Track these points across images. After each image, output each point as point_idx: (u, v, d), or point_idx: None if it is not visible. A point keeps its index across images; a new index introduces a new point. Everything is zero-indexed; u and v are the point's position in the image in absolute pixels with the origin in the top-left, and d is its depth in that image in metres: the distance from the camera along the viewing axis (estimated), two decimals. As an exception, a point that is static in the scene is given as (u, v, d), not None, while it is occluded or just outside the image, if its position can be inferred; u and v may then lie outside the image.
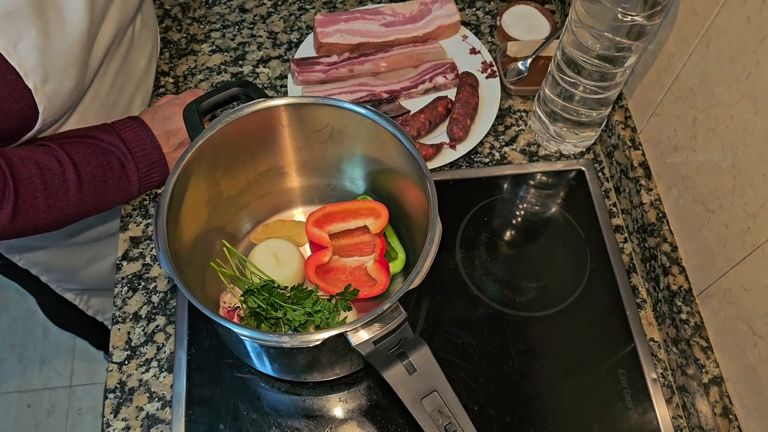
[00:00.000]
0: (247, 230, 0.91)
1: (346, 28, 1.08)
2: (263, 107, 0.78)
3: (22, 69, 0.71)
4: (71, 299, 1.24)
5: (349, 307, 0.79)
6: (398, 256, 0.87)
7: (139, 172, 0.88)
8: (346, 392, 0.83)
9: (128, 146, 0.87)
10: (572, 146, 0.99)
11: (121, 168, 0.86)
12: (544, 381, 0.84)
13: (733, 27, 0.71)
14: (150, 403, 0.82)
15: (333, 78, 1.05)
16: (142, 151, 0.88)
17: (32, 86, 0.73)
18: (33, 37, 0.72)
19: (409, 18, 1.10)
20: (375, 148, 0.82)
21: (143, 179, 0.89)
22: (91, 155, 0.83)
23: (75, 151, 0.82)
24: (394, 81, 1.05)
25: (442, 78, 1.05)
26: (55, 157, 0.80)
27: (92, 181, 0.83)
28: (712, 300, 0.79)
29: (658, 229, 0.87)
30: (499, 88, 1.04)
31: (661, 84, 0.87)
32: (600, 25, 0.78)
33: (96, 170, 0.83)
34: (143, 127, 0.89)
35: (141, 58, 0.98)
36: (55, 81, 0.76)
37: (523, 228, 0.96)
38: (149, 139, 0.88)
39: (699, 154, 0.80)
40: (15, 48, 0.70)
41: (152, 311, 0.88)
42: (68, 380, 1.82)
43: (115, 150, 0.86)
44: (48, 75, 0.74)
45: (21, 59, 0.71)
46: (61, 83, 0.77)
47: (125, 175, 0.87)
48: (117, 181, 0.86)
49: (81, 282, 1.19)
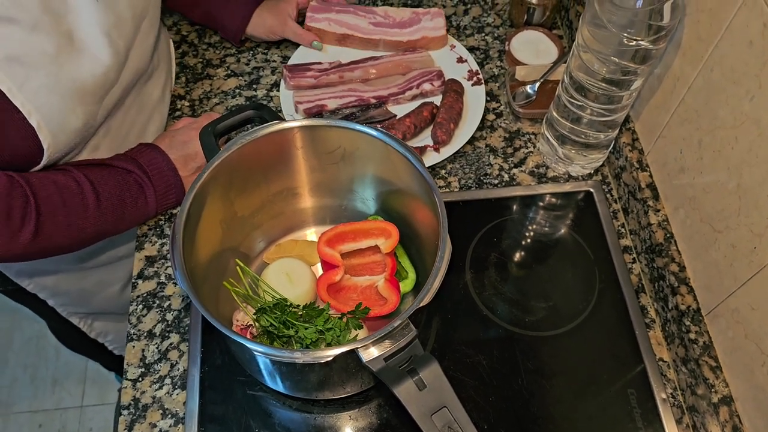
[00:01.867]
0: (261, 249, 0.92)
1: (335, 18, 1.13)
2: (277, 129, 0.80)
3: (26, 108, 0.73)
4: (75, 322, 1.25)
5: (359, 326, 0.80)
6: (408, 276, 0.88)
7: (156, 192, 0.90)
8: (357, 410, 0.84)
9: (144, 169, 0.89)
10: (580, 168, 1.01)
11: (139, 188, 0.88)
12: (554, 400, 0.84)
13: (736, 51, 0.72)
14: (163, 419, 0.83)
15: (323, 84, 1.08)
16: (159, 173, 0.90)
17: (35, 125, 0.75)
18: (41, 78, 0.74)
19: (398, 23, 1.14)
20: (386, 169, 0.84)
21: (160, 199, 0.91)
22: (108, 176, 0.86)
23: (92, 172, 0.84)
24: (382, 87, 1.09)
25: (429, 85, 1.09)
26: (73, 177, 0.82)
27: (110, 200, 0.85)
28: (721, 320, 0.79)
29: (666, 250, 0.88)
30: (483, 95, 1.07)
31: (667, 106, 0.89)
32: (606, 49, 0.80)
33: (113, 189, 0.85)
34: (157, 151, 0.91)
35: (155, 89, 1.01)
36: (61, 120, 0.77)
37: (532, 248, 0.97)
38: (165, 162, 0.91)
39: (705, 176, 0.81)
40: (20, 88, 0.72)
41: (166, 329, 0.90)
42: (80, 401, 1.83)
43: (132, 172, 0.88)
44: (53, 115, 0.76)
45: (25, 99, 0.73)
46: (67, 122, 0.78)
47: (142, 194, 0.89)
48: (134, 200, 0.88)
49: (88, 306, 1.20)
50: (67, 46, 0.76)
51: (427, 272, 0.72)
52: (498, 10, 1.22)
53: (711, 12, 0.76)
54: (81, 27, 0.78)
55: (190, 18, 1.17)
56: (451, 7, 1.22)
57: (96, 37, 0.80)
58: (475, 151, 1.05)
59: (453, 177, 1.02)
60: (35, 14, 0.73)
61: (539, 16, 1.15)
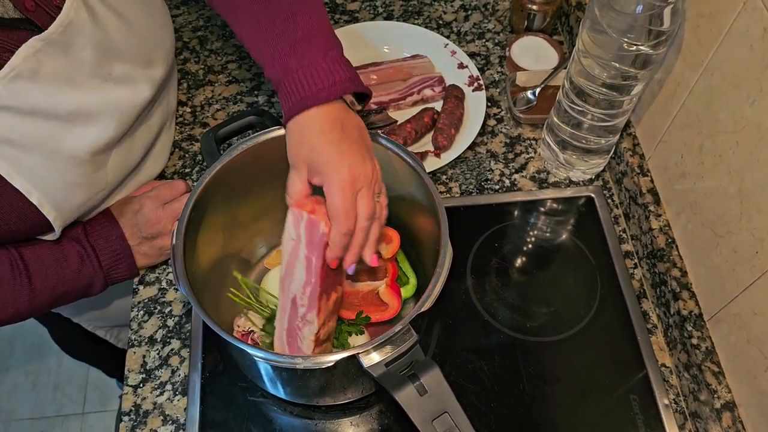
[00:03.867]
0: (262, 255, 0.92)
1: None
2: (278, 135, 0.81)
3: (25, 188, 0.72)
4: (102, 335, 1.24)
5: (361, 332, 0.80)
6: (410, 281, 0.88)
7: (102, 265, 0.85)
8: (358, 416, 0.83)
9: (90, 241, 0.85)
10: (581, 173, 1.01)
11: (81, 261, 0.84)
12: (556, 406, 0.84)
13: (736, 56, 0.72)
14: (164, 426, 0.83)
15: None
16: (106, 243, 0.85)
17: (37, 203, 0.74)
18: (35, 158, 0.73)
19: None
20: (387, 174, 0.83)
21: (108, 272, 0.87)
22: (47, 253, 0.82)
23: (28, 248, 0.81)
24: (383, 93, 1.09)
25: (430, 90, 1.09)
26: (8, 256, 0.79)
27: (44, 280, 0.81)
28: (723, 325, 0.79)
29: (668, 255, 0.88)
30: (484, 101, 1.07)
31: (667, 111, 0.89)
32: (606, 54, 0.80)
33: (50, 271, 0.82)
34: (111, 220, 0.87)
35: (159, 117, 0.95)
36: (63, 194, 0.76)
37: (533, 254, 0.97)
38: (115, 231, 0.86)
39: (706, 180, 0.81)
40: (17, 170, 0.71)
41: (167, 335, 0.89)
42: (81, 407, 1.83)
43: (76, 244, 0.84)
44: (52, 190, 0.75)
45: (24, 179, 0.72)
46: (70, 194, 0.77)
47: (85, 267, 0.84)
48: (76, 275, 0.83)
49: (109, 319, 1.19)
50: (68, 124, 0.74)
51: (428, 278, 0.71)
52: (498, 17, 1.22)
53: (711, 16, 0.76)
54: (92, 103, 0.76)
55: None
56: (452, 14, 1.23)
57: (109, 113, 0.78)
58: (476, 157, 1.05)
59: (454, 182, 1.02)
60: (34, 102, 0.71)
61: (540, 22, 1.15)
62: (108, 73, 0.78)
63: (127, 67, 0.80)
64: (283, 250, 0.74)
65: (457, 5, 1.24)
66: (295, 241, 0.72)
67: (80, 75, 0.75)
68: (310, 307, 0.72)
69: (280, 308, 0.75)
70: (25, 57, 0.69)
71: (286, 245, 0.73)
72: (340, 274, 0.75)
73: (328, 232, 0.69)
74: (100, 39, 0.76)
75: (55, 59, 0.72)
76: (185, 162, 1.04)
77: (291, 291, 0.73)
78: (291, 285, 0.73)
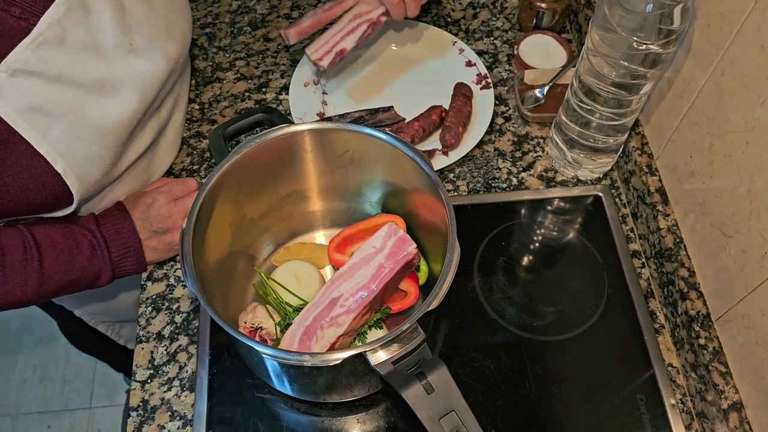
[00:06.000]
0: (269, 252, 0.93)
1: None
2: (286, 132, 0.81)
3: (51, 156, 0.74)
4: (103, 330, 1.24)
5: (380, 326, 0.81)
6: (421, 268, 0.87)
7: (111, 257, 0.86)
8: (365, 413, 0.84)
9: (102, 231, 0.85)
10: (589, 172, 1.01)
11: (92, 251, 0.84)
12: (562, 405, 0.84)
13: (747, 55, 0.72)
14: (171, 421, 0.83)
15: (325, 20, 1.04)
16: (117, 235, 0.86)
17: (62, 171, 0.75)
18: (62, 126, 0.74)
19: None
20: (395, 172, 0.84)
21: (117, 265, 0.87)
22: (60, 239, 0.82)
23: (41, 232, 0.81)
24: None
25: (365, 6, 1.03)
26: (21, 238, 0.80)
27: (56, 266, 0.81)
28: (731, 325, 0.79)
29: (676, 254, 0.88)
30: (492, 99, 1.07)
31: (677, 110, 0.88)
32: (615, 53, 0.80)
33: (62, 256, 0.82)
34: (123, 213, 0.87)
35: (169, 107, 0.96)
36: (86, 165, 0.78)
37: (540, 253, 0.97)
38: (126, 223, 0.86)
39: (715, 180, 0.80)
40: (44, 137, 0.73)
41: (175, 331, 0.90)
42: (88, 402, 1.84)
43: (88, 234, 0.84)
44: (78, 160, 0.77)
45: (49, 147, 0.74)
46: (93, 166, 0.79)
47: (95, 258, 0.84)
48: (86, 264, 0.84)
49: (111, 314, 1.20)
50: (93, 93, 0.76)
51: (435, 276, 0.72)
52: (507, 14, 1.22)
53: (722, 16, 0.76)
54: (116, 73, 0.78)
55: None
56: (460, 11, 1.23)
57: (131, 84, 0.80)
58: (484, 155, 1.05)
59: (461, 181, 1.02)
60: (61, 68, 0.73)
61: (548, 20, 1.15)
62: (129, 43, 0.80)
63: (145, 40, 0.82)
64: (356, 253, 0.77)
65: (465, 3, 1.23)
66: (376, 251, 0.76)
67: (104, 44, 0.77)
68: (350, 311, 0.74)
69: (311, 303, 0.76)
70: (50, 24, 0.71)
71: (364, 250, 0.76)
72: (388, 295, 0.79)
73: (413, 255, 0.75)
74: (118, 7, 0.79)
75: (78, 26, 0.74)
76: (193, 159, 1.04)
77: (339, 290, 0.75)
78: (343, 285, 0.75)
